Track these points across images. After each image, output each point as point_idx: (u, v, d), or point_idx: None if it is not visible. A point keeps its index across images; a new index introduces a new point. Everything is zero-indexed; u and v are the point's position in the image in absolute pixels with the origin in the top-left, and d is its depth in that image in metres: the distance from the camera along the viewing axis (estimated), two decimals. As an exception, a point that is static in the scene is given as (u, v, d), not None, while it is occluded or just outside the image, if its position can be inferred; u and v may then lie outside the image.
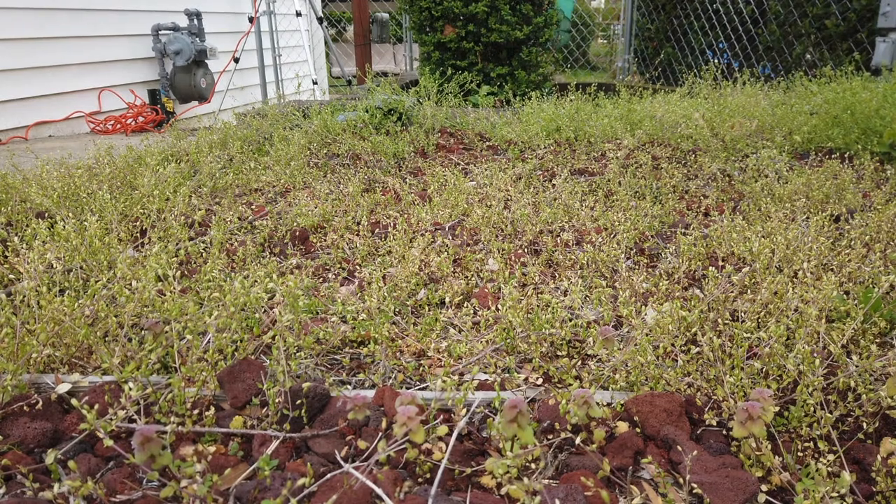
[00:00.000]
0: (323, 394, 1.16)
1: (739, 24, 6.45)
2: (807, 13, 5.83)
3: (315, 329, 1.43)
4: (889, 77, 3.95)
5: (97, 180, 2.55)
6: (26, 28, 4.31)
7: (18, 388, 1.18)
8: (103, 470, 1.04)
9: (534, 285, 1.78)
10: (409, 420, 0.85)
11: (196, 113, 5.57)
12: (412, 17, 6.42)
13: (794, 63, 5.97)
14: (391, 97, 4.02)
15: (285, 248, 2.11)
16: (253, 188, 2.82)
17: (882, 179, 2.73)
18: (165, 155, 3.16)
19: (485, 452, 1.09)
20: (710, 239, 2.01)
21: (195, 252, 1.97)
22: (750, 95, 4.04)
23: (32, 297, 1.37)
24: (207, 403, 1.17)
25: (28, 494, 0.93)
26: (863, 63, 5.17)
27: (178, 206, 2.25)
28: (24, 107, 4.36)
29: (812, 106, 3.65)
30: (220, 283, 1.58)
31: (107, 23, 4.97)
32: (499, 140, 3.68)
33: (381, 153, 3.32)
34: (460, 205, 2.40)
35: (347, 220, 2.29)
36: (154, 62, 5.41)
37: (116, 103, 5.09)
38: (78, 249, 1.75)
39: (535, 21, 6.13)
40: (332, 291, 1.73)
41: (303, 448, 1.09)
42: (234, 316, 1.33)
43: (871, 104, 3.26)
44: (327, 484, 0.95)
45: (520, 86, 6.20)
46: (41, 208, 2.25)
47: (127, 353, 1.30)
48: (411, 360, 1.42)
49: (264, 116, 4.24)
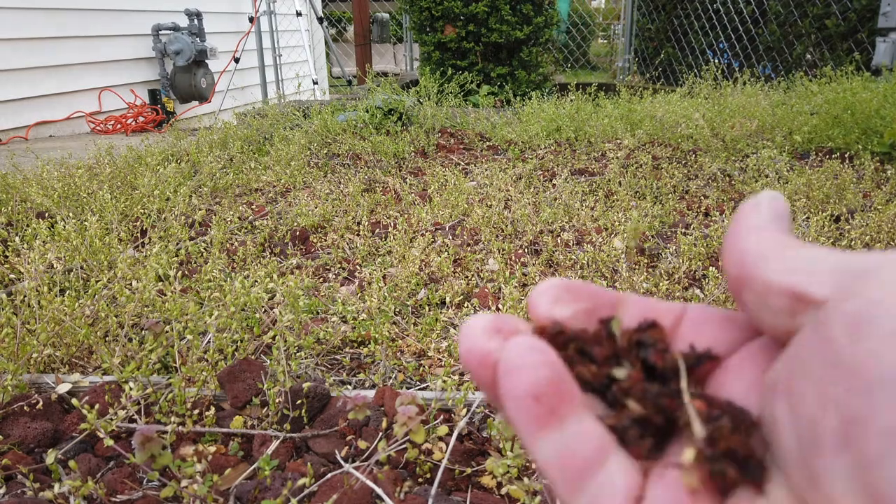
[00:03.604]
0: (323, 394, 1.16)
1: (740, 24, 6.45)
2: (807, 13, 5.83)
3: (315, 329, 1.43)
4: (889, 77, 3.95)
5: (97, 180, 2.55)
6: (26, 28, 4.31)
7: (19, 388, 1.18)
8: (103, 470, 1.04)
9: (534, 285, 1.78)
10: (409, 420, 0.85)
11: (196, 113, 5.57)
12: (412, 17, 6.42)
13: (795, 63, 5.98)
14: (391, 97, 4.02)
15: (285, 248, 2.11)
16: (253, 188, 2.82)
17: (882, 179, 2.73)
18: (166, 155, 3.16)
19: (485, 452, 1.09)
20: (710, 239, 2.01)
21: (195, 252, 1.97)
22: (750, 95, 4.04)
23: (33, 296, 1.37)
24: (208, 403, 1.17)
25: (28, 494, 0.93)
26: (863, 63, 5.17)
27: (178, 205, 2.25)
28: (24, 107, 4.36)
29: (812, 106, 3.65)
30: (221, 283, 1.58)
31: (107, 23, 4.97)
32: (499, 140, 3.68)
33: (382, 153, 3.32)
34: (460, 205, 2.40)
35: (348, 220, 2.29)
36: (154, 62, 5.41)
37: (117, 103, 5.09)
38: (78, 249, 1.75)
39: (536, 21, 6.13)
40: (332, 291, 1.73)
41: (303, 448, 1.09)
42: (235, 316, 1.33)
43: (872, 104, 3.26)
44: (327, 484, 0.95)
45: (520, 86, 6.20)
46: (41, 208, 2.25)
47: (127, 353, 1.30)
48: (411, 360, 1.42)
49: (264, 116, 4.24)
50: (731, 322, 0.25)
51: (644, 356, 0.23)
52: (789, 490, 0.20)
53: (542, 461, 0.22)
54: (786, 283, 0.21)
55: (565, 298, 0.25)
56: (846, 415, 0.18)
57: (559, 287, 0.25)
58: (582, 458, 0.21)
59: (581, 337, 0.23)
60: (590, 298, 0.25)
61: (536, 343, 0.22)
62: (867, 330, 0.18)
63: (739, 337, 0.24)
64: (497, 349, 0.22)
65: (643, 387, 0.22)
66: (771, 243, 0.23)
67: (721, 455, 0.20)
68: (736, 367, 0.23)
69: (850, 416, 0.18)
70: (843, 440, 0.18)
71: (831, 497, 0.18)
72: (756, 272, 0.22)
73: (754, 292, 0.22)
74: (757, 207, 0.24)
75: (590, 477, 0.21)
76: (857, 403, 0.17)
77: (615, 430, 0.22)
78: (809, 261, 0.21)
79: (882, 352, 0.17)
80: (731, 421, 0.20)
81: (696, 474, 0.20)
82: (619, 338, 0.24)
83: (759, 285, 0.22)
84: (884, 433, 0.17)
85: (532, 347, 0.22)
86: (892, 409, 0.17)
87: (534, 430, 0.21)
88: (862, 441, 0.17)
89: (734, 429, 0.20)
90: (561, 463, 0.21)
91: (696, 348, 0.23)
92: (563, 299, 0.25)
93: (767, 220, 0.24)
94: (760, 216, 0.24)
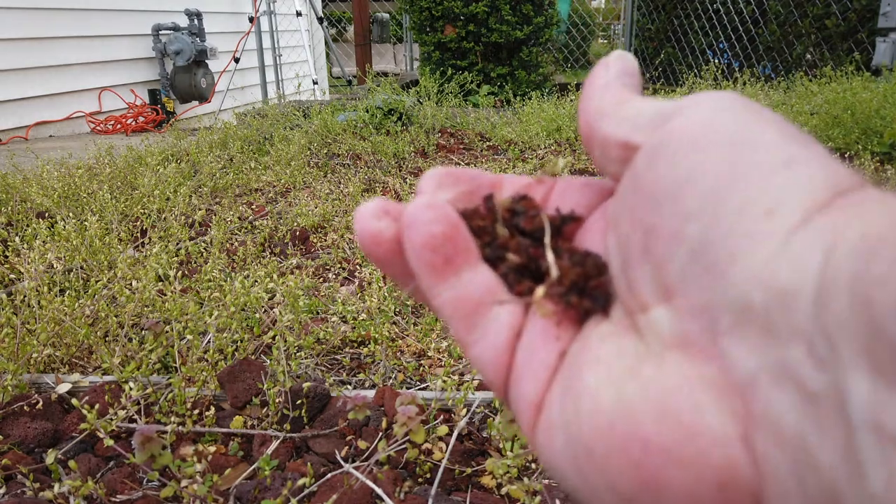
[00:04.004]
0: (323, 394, 1.16)
1: (740, 24, 6.45)
2: (807, 13, 5.83)
3: (315, 329, 1.43)
4: (889, 77, 3.95)
5: (97, 180, 2.55)
6: (26, 28, 4.31)
7: (19, 388, 1.18)
8: (103, 470, 1.04)
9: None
10: (409, 420, 0.85)
11: (196, 113, 5.57)
12: (412, 17, 6.42)
13: (795, 63, 5.98)
14: (391, 97, 4.02)
15: (285, 248, 2.11)
16: (253, 188, 2.82)
17: (882, 179, 2.73)
18: (166, 155, 3.16)
19: (485, 452, 1.09)
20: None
21: (195, 252, 1.97)
22: (750, 95, 4.04)
23: (33, 296, 1.37)
24: (207, 403, 1.17)
25: (28, 494, 0.93)
26: (863, 63, 5.17)
27: (178, 205, 2.25)
28: (24, 107, 4.36)
29: (812, 106, 3.65)
30: (221, 283, 1.58)
31: (107, 23, 4.97)
32: (499, 140, 3.68)
33: (382, 153, 3.32)
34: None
35: (348, 220, 2.29)
36: (154, 62, 5.41)
37: (117, 103, 5.09)
38: (78, 249, 1.75)
39: (536, 21, 6.13)
40: (332, 291, 1.73)
41: (303, 448, 1.09)
42: (235, 316, 1.33)
43: (872, 104, 3.26)
44: (327, 484, 0.95)
45: (520, 86, 6.20)
46: (41, 208, 2.25)
47: (127, 353, 1.30)
48: (411, 360, 1.42)
49: (264, 116, 4.24)
50: (590, 187, 0.28)
51: (517, 222, 0.26)
52: (621, 305, 0.23)
53: (440, 305, 0.24)
54: (617, 134, 0.24)
55: (447, 183, 0.27)
56: (645, 228, 0.21)
57: (442, 174, 0.27)
58: (475, 300, 0.24)
59: (465, 213, 0.26)
60: (470, 182, 0.28)
61: (434, 201, 0.24)
62: (659, 158, 0.21)
63: (598, 199, 0.27)
64: (386, 227, 0.24)
65: (517, 242, 0.26)
66: (611, 100, 0.25)
67: (568, 288, 0.24)
68: (593, 223, 0.26)
69: (647, 228, 0.21)
70: (643, 250, 0.21)
71: (641, 299, 0.21)
72: (597, 127, 0.25)
73: (598, 146, 0.25)
74: (605, 67, 0.26)
75: (481, 315, 0.24)
76: (651, 218, 0.21)
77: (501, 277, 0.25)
78: (637, 112, 0.24)
79: (666, 172, 0.21)
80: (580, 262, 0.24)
81: (548, 306, 0.24)
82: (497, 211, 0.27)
83: (600, 139, 0.25)
84: (669, 237, 0.20)
85: (430, 205, 0.24)
86: (674, 217, 0.20)
87: (434, 280, 0.24)
88: (655, 247, 0.21)
89: (581, 267, 0.24)
90: (455, 304, 0.24)
91: (561, 211, 0.27)
92: (446, 184, 0.27)
93: (614, 77, 0.26)
94: (608, 75, 0.26)
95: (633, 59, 0.27)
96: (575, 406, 0.21)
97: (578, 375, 0.21)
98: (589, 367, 0.21)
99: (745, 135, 0.20)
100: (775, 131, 0.20)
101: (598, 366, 0.21)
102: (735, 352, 0.18)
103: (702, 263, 0.19)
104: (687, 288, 0.20)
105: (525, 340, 0.24)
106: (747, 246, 0.18)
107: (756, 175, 0.19)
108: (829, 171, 0.19)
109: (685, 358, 0.19)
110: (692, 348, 0.19)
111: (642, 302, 0.21)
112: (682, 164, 0.20)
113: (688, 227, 0.20)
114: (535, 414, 0.23)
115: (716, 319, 0.19)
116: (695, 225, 0.19)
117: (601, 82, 0.26)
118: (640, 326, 0.22)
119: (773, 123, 0.21)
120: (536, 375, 0.23)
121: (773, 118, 0.21)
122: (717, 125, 0.21)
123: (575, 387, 0.21)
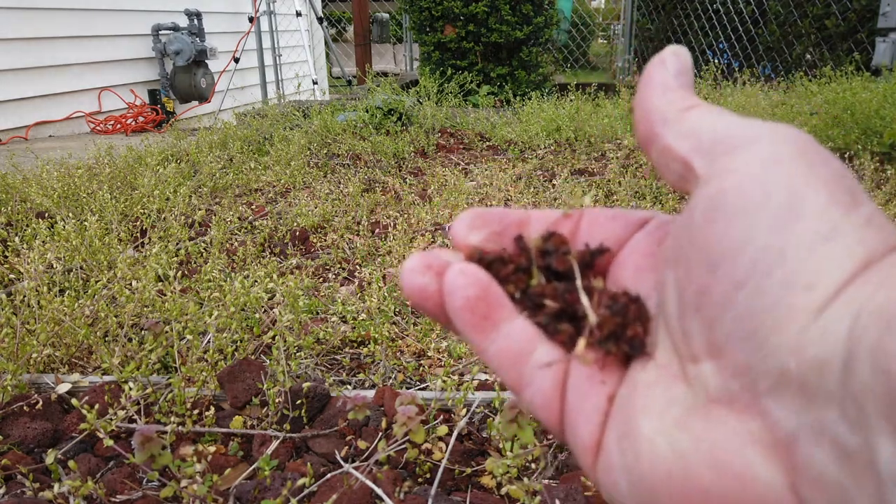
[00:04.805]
0: (323, 394, 1.16)
1: (739, 25, 6.45)
2: (807, 13, 5.83)
3: (315, 329, 1.43)
4: (889, 77, 3.95)
5: (97, 180, 2.55)
6: (26, 28, 4.31)
7: (18, 388, 1.18)
8: (103, 470, 1.04)
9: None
10: (409, 420, 0.85)
11: (196, 113, 5.57)
12: (412, 17, 6.41)
13: (795, 63, 5.98)
14: (391, 97, 4.02)
15: (285, 248, 2.11)
16: (253, 188, 2.82)
17: (882, 179, 2.73)
18: (165, 155, 3.16)
19: (485, 452, 1.09)
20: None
21: (195, 252, 1.96)
22: (750, 95, 4.04)
23: (32, 297, 1.37)
24: (207, 403, 1.17)
25: (28, 494, 0.93)
26: (863, 63, 5.17)
27: (178, 206, 2.25)
28: (24, 107, 4.36)
29: (812, 106, 3.65)
30: (221, 283, 1.58)
31: (107, 23, 4.97)
32: (499, 140, 3.68)
33: (381, 153, 3.32)
34: (460, 205, 2.40)
35: (347, 220, 2.29)
36: (154, 62, 5.41)
37: (116, 103, 5.09)
38: (78, 249, 1.75)
39: (536, 21, 6.12)
40: (332, 291, 1.73)
41: (303, 448, 1.09)
42: (234, 316, 1.33)
43: (872, 104, 3.26)
44: (327, 484, 0.95)
45: (520, 86, 6.19)
46: (41, 208, 2.25)
47: (127, 353, 1.30)
48: (411, 360, 1.42)
49: (264, 116, 4.24)
50: (617, 220, 0.28)
51: (549, 262, 0.27)
52: (672, 346, 0.24)
53: (488, 360, 0.26)
54: (680, 149, 0.25)
55: (478, 225, 0.28)
56: (699, 286, 0.22)
57: (472, 216, 0.29)
58: (516, 350, 0.26)
59: (497, 259, 0.27)
60: (499, 221, 0.29)
61: (466, 267, 0.26)
62: (717, 215, 0.22)
63: (626, 231, 0.28)
64: (430, 283, 0.26)
65: (553, 287, 0.26)
66: (672, 105, 0.25)
67: (607, 337, 0.25)
68: (626, 257, 0.27)
69: (701, 288, 0.22)
70: (697, 306, 0.22)
71: (693, 350, 0.23)
72: (660, 133, 0.25)
73: (657, 151, 0.26)
74: (662, 64, 0.27)
75: (525, 364, 0.26)
76: (706, 279, 0.22)
77: (539, 326, 0.26)
78: (697, 128, 0.24)
79: (721, 235, 0.22)
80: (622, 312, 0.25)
81: (589, 356, 0.25)
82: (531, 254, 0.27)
83: (660, 147, 0.25)
84: (720, 301, 0.21)
85: (461, 272, 0.26)
86: (725, 282, 0.21)
87: (478, 337, 0.26)
88: (707, 307, 0.22)
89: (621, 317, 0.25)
90: (500, 357, 0.26)
91: (590, 246, 0.27)
92: (476, 226, 0.28)
93: (673, 76, 0.26)
94: (666, 73, 0.26)
95: (688, 54, 0.27)
96: (634, 453, 0.23)
97: (634, 422, 0.23)
98: (642, 415, 0.23)
99: (793, 200, 0.21)
100: (824, 193, 0.21)
101: (650, 414, 0.23)
102: (776, 411, 0.20)
103: (746, 329, 0.21)
104: (732, 349, 0.21)
105: (572, 383, 0.25)
106: (786, 318, 0.20)
107: (799, 250, 0.21)
108: (867, 238, 0.21)
109: (730, 413, 0.21)
110: (736, 404, 0.21)
111: (694, 353, 0.23)
112: (737, 228, 0.22)
113: (737, 295, 0.21)
114: (593, 455, 0.24)
115: (756, 381, 0.20)
116: (743, 294, 0.21)
117: (659, 80, 0.26)
118: (689, 376, 0.23)
119: (823, 182, 0.22)
120: (590, 419, 0.25)
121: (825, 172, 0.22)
122: (770, 187, 0.22)
123: (632, 434, 0.23)
